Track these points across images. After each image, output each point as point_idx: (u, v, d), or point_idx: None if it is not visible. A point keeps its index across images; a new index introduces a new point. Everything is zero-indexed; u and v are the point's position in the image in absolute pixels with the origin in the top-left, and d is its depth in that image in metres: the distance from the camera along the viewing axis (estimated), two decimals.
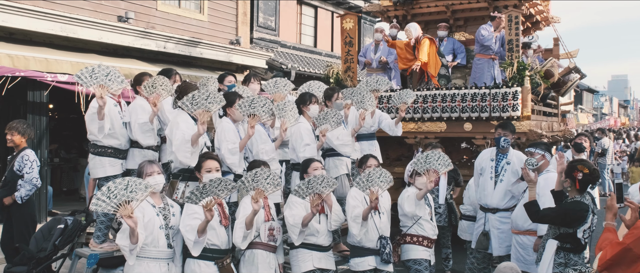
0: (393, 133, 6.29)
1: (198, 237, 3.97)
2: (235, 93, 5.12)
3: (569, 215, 4.14)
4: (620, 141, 20.26)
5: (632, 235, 3.18)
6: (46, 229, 5.46)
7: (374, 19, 18.65)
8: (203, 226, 3.94)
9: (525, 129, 7.06)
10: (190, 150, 4.45)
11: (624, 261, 3.16)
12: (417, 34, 7.86)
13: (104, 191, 3.55)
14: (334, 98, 5.95)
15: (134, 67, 9.33)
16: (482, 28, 8.23)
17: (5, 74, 7.63)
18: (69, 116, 12.34)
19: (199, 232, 3.96)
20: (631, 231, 3.23)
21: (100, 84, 4.44)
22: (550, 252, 4.23)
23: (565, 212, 4.17)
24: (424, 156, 4.94)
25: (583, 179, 4.13)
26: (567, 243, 4.20)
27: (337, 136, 5.55)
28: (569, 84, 8.81)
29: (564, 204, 4.26)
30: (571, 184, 4.22)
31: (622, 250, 3.16)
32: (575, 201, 4.16)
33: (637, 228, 3.19)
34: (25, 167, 5.86)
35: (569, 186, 4.24)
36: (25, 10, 8.26)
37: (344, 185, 5.52)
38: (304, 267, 4.65)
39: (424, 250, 5.10)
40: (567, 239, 4.19)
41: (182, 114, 4.63)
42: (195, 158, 4.48)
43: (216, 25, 12.21)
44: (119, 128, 4.74)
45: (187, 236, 3.99)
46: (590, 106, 51.17)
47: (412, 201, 5.01)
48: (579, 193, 4.19)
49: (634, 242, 3.12)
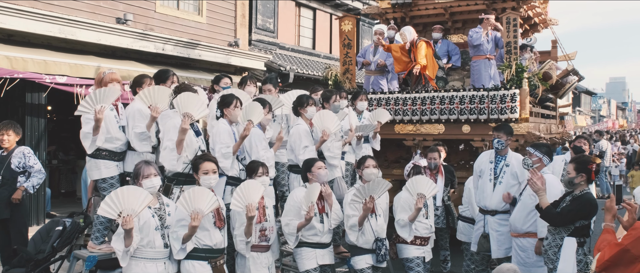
0: (373, 147, 6.61)
1: (182, 245, 4.07)
2: (232, 94, 5.12)
3: (591, 204, 4.32)
4: (618, 143, 20.29)
5: (630, 236, 3.18)
6: (44, 231, 5.47)
7: (373, 21, 18.67)
8: (188, 236, 4.03)
9: (523, 131, 7.07)
10: (176, 157, 4.49)
11: (621, 262, 3.17)
12: (412, 37, 7.89)
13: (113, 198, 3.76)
14: (332, 100, 5.97)
15: (132, 69, 9.33)
16: (472, 30, 8.29)
17: (3, 75, 7.63)
18: (67, 118, 12.31)
19: (183, 241, 4.06)
20: (629, 233, 3.24)
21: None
22: (572, 250, 4.29)
23: (587, 202, 4.31)
24: (413, 181, 5.08)
25: (595, 170, 4.39)
26: (582, 236, 4.34)
27: (329, 148, 5.64)
28: (567, 86, 8.83)
29: (582, 196, 4.34)
30: (586, 178, 4.35)
31: (620, 251, 3.17)
32: (588, 193, 4.37)
33: (635, 229, 3.19)
34: (30, 160, 6.11)
35: (583, 180, 4.35)
36: (23, 12, 8.26)
37: (341, 187, 5.60)
38: (309, 264, 4.81)
39: (416, 248, 5.30)
40: (583, 232, 4.33)
41: (175, 117, 4.61)
42: (181, 162, 4.53)
43: (215, 27, 12.21)
44: (114, 132, 4.72)
45: (173, 244, 4.10)
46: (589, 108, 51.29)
47: (406, 212, 5.12)
48: (588, 184, 4.43)
49: (632, 242, 3.13)
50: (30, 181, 6.09)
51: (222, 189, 4.80)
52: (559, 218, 4.35)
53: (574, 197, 4.37)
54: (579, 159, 4.47)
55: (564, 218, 4.32)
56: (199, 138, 4.80)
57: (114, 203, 3.76)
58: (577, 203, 4.31)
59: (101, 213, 3.77)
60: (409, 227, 5.11)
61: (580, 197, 4.33)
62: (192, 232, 4.01)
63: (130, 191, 3.82)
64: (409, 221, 5.08)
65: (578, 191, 4.36)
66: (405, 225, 5.10)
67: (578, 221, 4.30)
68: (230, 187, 4.86)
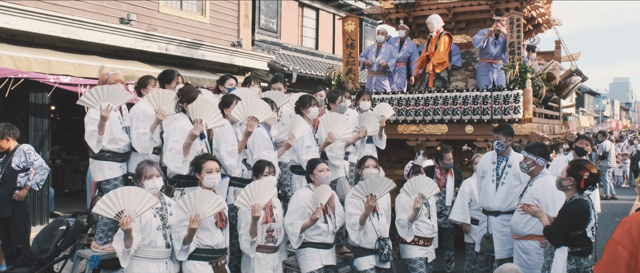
0: (378, 146, 6.56)
1: (183, 246, 4.06)
2: (233, 95, 5.12)
3: (577, 214, 4.05)
4: (622, 144, 20.22)
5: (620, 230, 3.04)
6: (48, 230, 5.48)
7: (376, 22, 18.68)
8: (188, 237, 4.02)
9: (526, 132, 7.06)
10: (182, 159, 4.47)
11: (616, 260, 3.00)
12: (438, 26, 7.94)
13: (112, 197, 3.70)
14: (338, 101, 5.96)
15: (135, 69, 9.35)
16: (478, 33, 8.29)
17: (7, 75, 7.65)
18: (71, 117, 12.36)
19: (184, 242, 4.05)
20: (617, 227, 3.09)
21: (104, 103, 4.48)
22: (562, 259, 4.13)
23: (572, 212, 4.07)
24: (414, 181, 5.04)
25: (588, 179, 4.09)
26: (577, 246, 4.12)
27: (331, 149, 5.64)
28: (571, 87, 8.82)
29: (567, 206, 4.16)
30: (575, 182, 4.13)
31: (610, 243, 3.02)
32: (577, 200, 4.10)
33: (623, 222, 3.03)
34: (30, 156, 6.11)
35: (571, 184, 4.14)
36: (27, 12, 8.28)
37: (344, 187, 5.60)
38: (313, 265, 4.79)
39: (419, 249, 5.28)
40: (577, 242, 4.12)
41: (181, 118, 4.62)
42: (187, 165, 4.50)
43: (218, 28, 12.23)
44: (118, 133, 4.70)
45: (175, 245, 4.10)
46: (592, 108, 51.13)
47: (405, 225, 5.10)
48: (580, 193, 4.13)
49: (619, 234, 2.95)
50: (34, 178, 6.10)
51: (225, 190, 4.79)
52: (553, 237, 4.20)
53: (560, 210, 4.20)
54: (575, 162, 4.28)
55: (556, 236, 4.16)
56: (202, 141, 4.80)
57: (112, 202, 3.70)
58: (564, 217, 4.13)
59: (97, 211, 3.72)
60: (408, 227, 5.10)
61: (565, 209, 4.14)
62: (191, 234, 4.00)
63: (131, 192, 3.79)
64: (409, 221, 5.06)
65: (568, 198, 4.18)
66: (405, 225, 5.09)
67: (571, 233, 4.12)
68: (233, 188, 4.86)
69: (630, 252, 2.89)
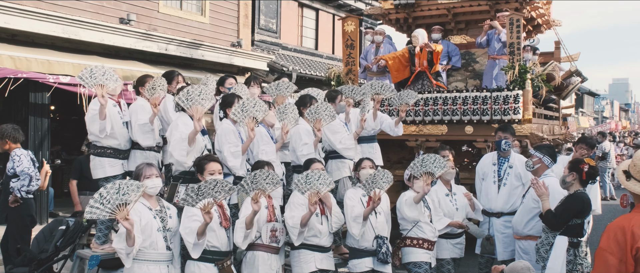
0: (394, 133, 6.24)
1: (197, 240, 3.97)
2: (233, 94, 5.13)
3: (582, 200, 4.36)
4: (621, 145, 20.22)
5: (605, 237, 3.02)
6: (47, 230, 5.48)
7: (376, 22, 18.66)
8: (202, 229, 3.93)
9: (526, 132, 7.06)
10: (187, 149, 4.49)
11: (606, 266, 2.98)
12: (423, 41, 7.89)
13: (97, 198, 3.53)
14: (337, 100, 5.94)
15: (135, 69, 9.35)
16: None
17: (7, 75, 7.65)
18: (71, 117, 12.36)
19: (198, 235, 3.95)
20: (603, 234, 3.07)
21: (100, 84, 4.54)
22: (562, 249, 4.31)
23: (577, 197, 4.37)
24: (420, 160, 4.89)
25: (589, 171, 4.42)
26: (575, 236, 4.38)
27: (340, 140, 5.55)
28: (570, 88, 8.82)
29: (572, 195, 4.44)
30: (577, 176, 4.44)
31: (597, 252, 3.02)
32: (581, 192, 4.41)
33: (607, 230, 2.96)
34: (16, 161, 5.75)
35: (574, 179, 4.45)
36: (27, 12, 8.29)
37: (347, 187, 5.46)
38: (307, 268, 4.60)
39: (424, 252, 5.05)
40: (575, 231, 4.37)
41: (182, 116, 4.65)
42: (191, 157, 4.51)
43: (218, 28, 12.23)
44: (118, 128, 4.75)
45: (187, 239, 3.98)
46: (591, 109, 51.14)
47: (412, 206, 4.97)
48: (583, 186, 4.46)
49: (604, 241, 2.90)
50: (16, 184, 5.74)
51: None
52: (555, 220, 4.42)
53: (566, 197, 4.49)
54: (574, 160, 4.68)
55: (558, 218, 4.40)
56: (205, 137, 4.82)
57: (100, 202, 3.53)
58: (569, 200, 4.42)
59: (89, 216, 3.55)
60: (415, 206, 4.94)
61: (572, 195, 4.44)
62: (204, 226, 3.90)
63: (116, 186, 3.58)
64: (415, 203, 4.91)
65: (572, 191, 4.48)
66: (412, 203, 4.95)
67: (571, 220, 4.36)
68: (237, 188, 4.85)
69: (618, 258, 2.83)
